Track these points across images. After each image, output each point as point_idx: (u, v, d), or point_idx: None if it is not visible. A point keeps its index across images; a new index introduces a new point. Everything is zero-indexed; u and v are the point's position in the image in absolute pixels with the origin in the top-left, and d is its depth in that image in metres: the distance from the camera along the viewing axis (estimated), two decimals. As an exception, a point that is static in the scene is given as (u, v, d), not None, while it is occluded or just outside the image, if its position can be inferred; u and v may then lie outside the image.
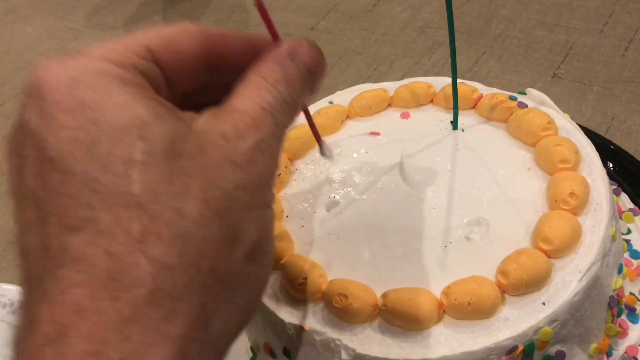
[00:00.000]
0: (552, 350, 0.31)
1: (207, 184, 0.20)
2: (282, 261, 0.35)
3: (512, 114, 0.41)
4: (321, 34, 0.74)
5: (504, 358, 0.30)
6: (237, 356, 0.40)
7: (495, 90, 0.44)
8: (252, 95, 0.22)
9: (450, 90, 0.42)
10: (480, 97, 0.43)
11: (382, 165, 0.40)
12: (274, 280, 0.35)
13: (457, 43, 0.39)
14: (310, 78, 0.24)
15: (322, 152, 0.31)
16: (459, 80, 0.42)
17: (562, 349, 0.31)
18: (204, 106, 0.22)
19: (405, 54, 0.68)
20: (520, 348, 0.30)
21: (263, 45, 0.24)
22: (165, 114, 0.20)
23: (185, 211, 0.19)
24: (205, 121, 0.21)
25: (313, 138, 0.43)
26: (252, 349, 0.39)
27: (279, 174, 0.41)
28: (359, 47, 0.70)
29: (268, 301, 0.34)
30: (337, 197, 0.39)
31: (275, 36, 0.25)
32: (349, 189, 0.39)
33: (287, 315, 0.33)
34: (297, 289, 0.33)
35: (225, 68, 0.24)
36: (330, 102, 0.46)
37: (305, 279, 0.33)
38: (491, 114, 0.42)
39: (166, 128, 0.20)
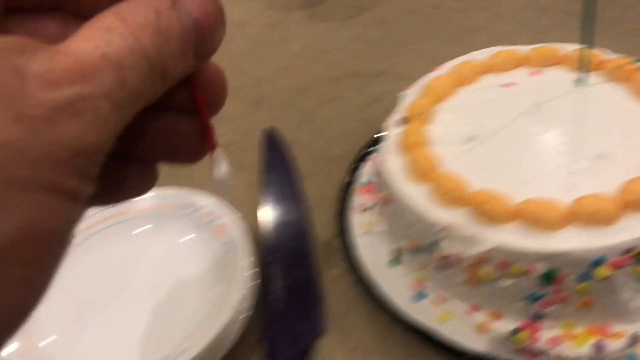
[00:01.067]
0: (663, 259, 0.37)
1: None
2: (431, 175, 0.42)
3: (634, 75, 0.47)
4: (446, 11, 0.81)
5: (620, 258, 0.36)
6: (378, 258, 0.48)
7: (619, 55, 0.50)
8: (96, 38, 0.16)
9: (577, 54, 0.48)
10: (605, 60, 0.49)
11: (516, 110, 0.47)
12: (424, 191, 0.42)
13: (572, 25, 0.45)
14: (198, 37, 0.18)
15: (213, 170, 0.23)
16: (584, 47, 0.48)
17: (672, 260, 0.37)
18: None
19: (525, 32, 0.74)
20: (636, 251, 0.36)
21: None
22: None
23: None
24: (5, 44, 0.15)
25: (452, 86, 0.51)
26: (392, 252, 0.47)
27: (422, 113, 0.48)
28: (481, 24, 0.77)
29: (421, 206, 0.42)
30: (475, 133, 0.46)
31: None
32: (486, 128, 0.46)
33: (438, 216, 0.41)
34: (445, 197, 0.41)
35: None
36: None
37: (451, 189, 0.41)
38: (615, 75, 0.48)
39: None
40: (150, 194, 0.53)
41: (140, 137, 0.20)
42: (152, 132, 0.20)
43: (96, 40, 0.16)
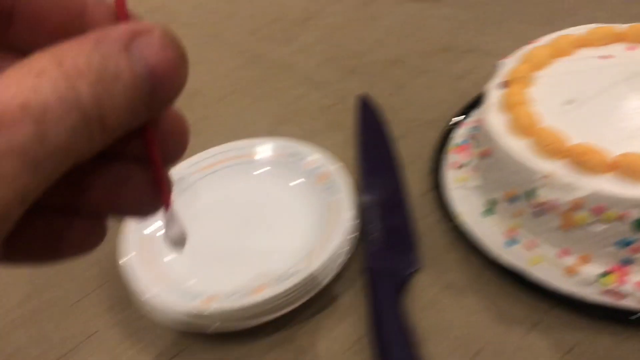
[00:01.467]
0: None
1: None
2: (532, 130, 0.46)
3: None
4: (534, -4, 0.84)
5: None
6: (471, 209, 0.52)
7: None
8: (21, 82, 0.14)
9: (674, 32, 0.51)
10: (702, 39, 0.52)
11: (613, 78, 0.50)
12: (525, 144, 0.46)
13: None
14: (152, 87, 0.16)
15: (166, 230, 0.20)
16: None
17: None
18: None
19: (615, 19, 0.76)
20: None
21: (98, 16, 0.17)
22: None
23: None
24: None
25: (551, 56, 0.55)
26: (486, 203, 0.51)
27: (523, 77, 0.52)
28: (571, 9, 0.80)
29: (522, 157, 0.46)
30: (574, 97, 0.50)
31: (121, 8, 0.17)
32: (584, 92, 0.50)
33: (538, 166, 0.45)
34: (545, 150, 0.45)
35: (27, 23, 0.17)
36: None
37: (551, 141, 0.45)
38: None
39: None
40: (269, 144, 0.60)
41: (85, 189, 0.18)
42: (98, 184, 0.18)
43: (19, 86, 0.14)
